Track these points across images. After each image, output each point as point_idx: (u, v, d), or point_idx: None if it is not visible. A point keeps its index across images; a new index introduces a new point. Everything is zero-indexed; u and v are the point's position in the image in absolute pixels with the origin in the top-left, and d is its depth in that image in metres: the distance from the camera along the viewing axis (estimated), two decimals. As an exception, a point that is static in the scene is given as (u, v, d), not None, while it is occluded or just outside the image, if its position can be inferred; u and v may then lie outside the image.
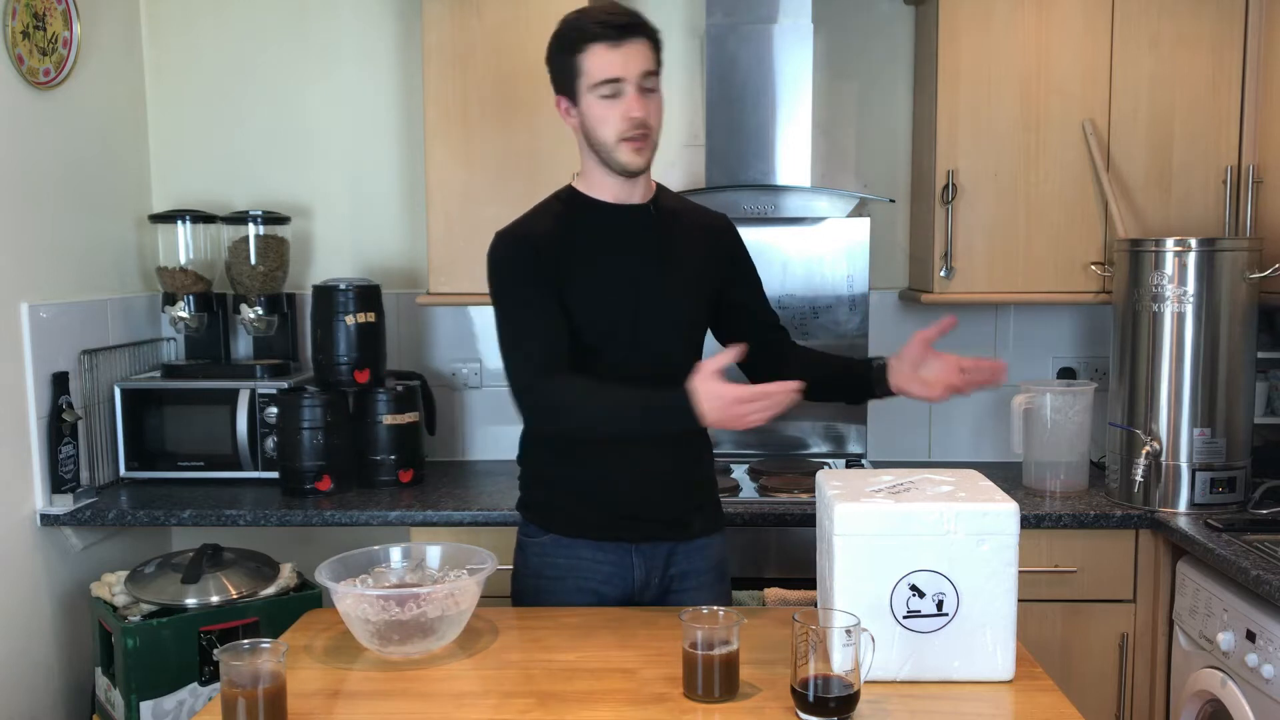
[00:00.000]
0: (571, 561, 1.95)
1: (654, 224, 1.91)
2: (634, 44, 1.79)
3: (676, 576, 1.96)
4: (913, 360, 1.88)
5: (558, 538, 1.96)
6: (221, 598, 2.35)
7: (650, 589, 1.96)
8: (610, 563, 1.94)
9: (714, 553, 2.01)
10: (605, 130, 1.81)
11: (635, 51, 1.79)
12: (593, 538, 1.93)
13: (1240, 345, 2.45)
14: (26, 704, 2.46)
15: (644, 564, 1.94)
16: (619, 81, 1.78)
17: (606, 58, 1.78)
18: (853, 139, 3.04)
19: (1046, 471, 2.68)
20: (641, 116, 1.80)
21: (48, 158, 2.59)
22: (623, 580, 1.94)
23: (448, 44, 2.70)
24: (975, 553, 1.55)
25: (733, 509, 2.48)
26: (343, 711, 1.53)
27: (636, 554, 1.94)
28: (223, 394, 2.78)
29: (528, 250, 1.86)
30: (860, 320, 3.01)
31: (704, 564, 1.99)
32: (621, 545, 1.93)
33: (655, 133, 1.84)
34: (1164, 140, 2.69)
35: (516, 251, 1.87)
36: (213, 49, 3.05)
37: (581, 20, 1.81)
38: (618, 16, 1.80)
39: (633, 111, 1.79)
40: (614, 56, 1.78)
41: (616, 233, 1.89)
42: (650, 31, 1.83)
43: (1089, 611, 2.50)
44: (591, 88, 1.80)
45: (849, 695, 1.44)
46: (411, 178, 3.05)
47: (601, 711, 1.50)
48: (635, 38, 1.79)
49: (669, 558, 1.95)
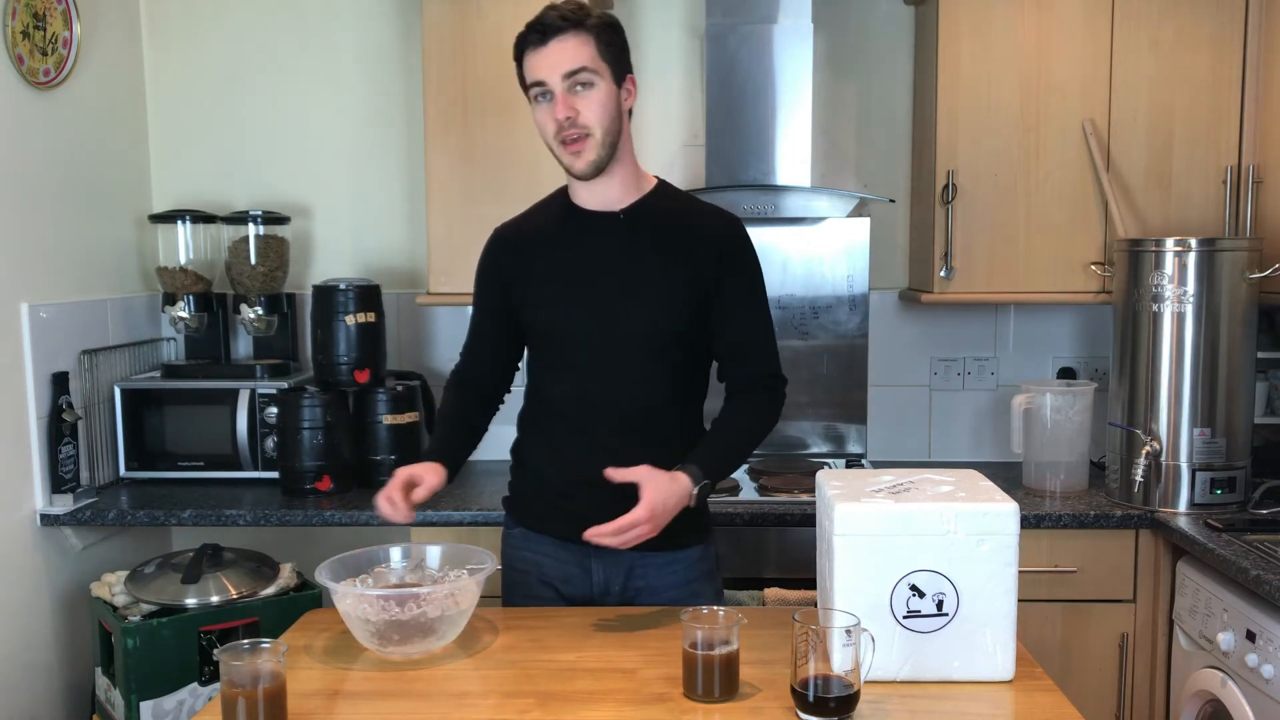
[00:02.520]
0: (536, 556, 1.95)
1: (624, 234, 1.85)
2: (560, 43, 1.74)
3: (643, 590, 1.91)
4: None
5: (526, 532, 1.96)
6: (221, 598, 2.35)
7: (611, 596, 1.92)
8: (570, 563, 1.92)
9: (685, 569, 1.92)
10: (545, 134, 1.80)
11: (561, 50, 1.74)
12: (554, 535, 1.92)
13: (1240, 345, 2.45)
14: (26, 704, 2.46)
15: (603, 570, 1.91)
16: (543, 84, 1.77)
17: (533, 61, 1.77)
18: (853, 139, 3.04)
19: (1046, 471, 2.68)
20: (566, 116, 1.75)
21: (48, 158, 2.59)
22: (582, 582, 1.92)
23: (448, 44, 2.70)
24: (975, 553, 1.55)
25: (733, 509, 2.49)
26: (343, 711, 1.53)
27: (595, 559, 1.90)
28: (223, 394, 2.78)
29: (497, 253, 1.95)
30: (860, 320, 3.01)
31: (674, 579, 1.90)
32: (581, 548, 1.84)
33: (597, 129, 1.76)
34: (1164, 140, 2.69)
35: (488, 253, 1.97)
36: (213, 49, 3.05)
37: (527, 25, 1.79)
38: (548, 15, 1.75)
39: (556, 113, 1.76)
40: (538, 59, 1.76)
41: (579, 240, 1.87)
42: (589, 24, 1.75)
43: (1089, 611, 2.50)
44: (528, 92, 1.81)
45: (849, 695, 1.44)
46: (411, 178, 3.05)
47: (601, 711, 1.50)
48: (561, 36, 1.74)
49: (632, 568, 1.90)
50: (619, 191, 1.86)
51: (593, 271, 1.86)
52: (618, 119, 1.80)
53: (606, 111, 1.77)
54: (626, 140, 1.84)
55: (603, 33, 1.77)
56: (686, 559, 1.92)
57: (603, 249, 1.86)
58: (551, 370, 1.93)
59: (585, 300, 1.85)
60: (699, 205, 1.93)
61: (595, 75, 1.76)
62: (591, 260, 1.86)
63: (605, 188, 1.84)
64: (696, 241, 1.86)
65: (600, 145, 1.78)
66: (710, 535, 1.98)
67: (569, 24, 1.74)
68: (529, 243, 1.92)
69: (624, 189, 1.86)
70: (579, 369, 1.88)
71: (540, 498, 1.95)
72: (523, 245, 1.92)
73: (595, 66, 1.76)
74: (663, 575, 1.91)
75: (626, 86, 1.82)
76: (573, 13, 1.76)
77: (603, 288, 1.85)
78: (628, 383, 1.86)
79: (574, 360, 1.88)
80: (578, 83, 1.75)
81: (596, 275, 1.85)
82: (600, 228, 1.86)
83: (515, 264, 1.91)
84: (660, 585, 1.91)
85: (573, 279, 1.87)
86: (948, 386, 3.08)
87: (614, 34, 1.79)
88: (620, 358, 1.85)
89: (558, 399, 1.91)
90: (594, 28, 1.76)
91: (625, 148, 1.84)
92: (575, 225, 1.88)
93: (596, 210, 1.87)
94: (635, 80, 1.85)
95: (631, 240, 1.85)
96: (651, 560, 1.89)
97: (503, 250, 1.94)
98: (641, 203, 1.87)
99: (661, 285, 1.84)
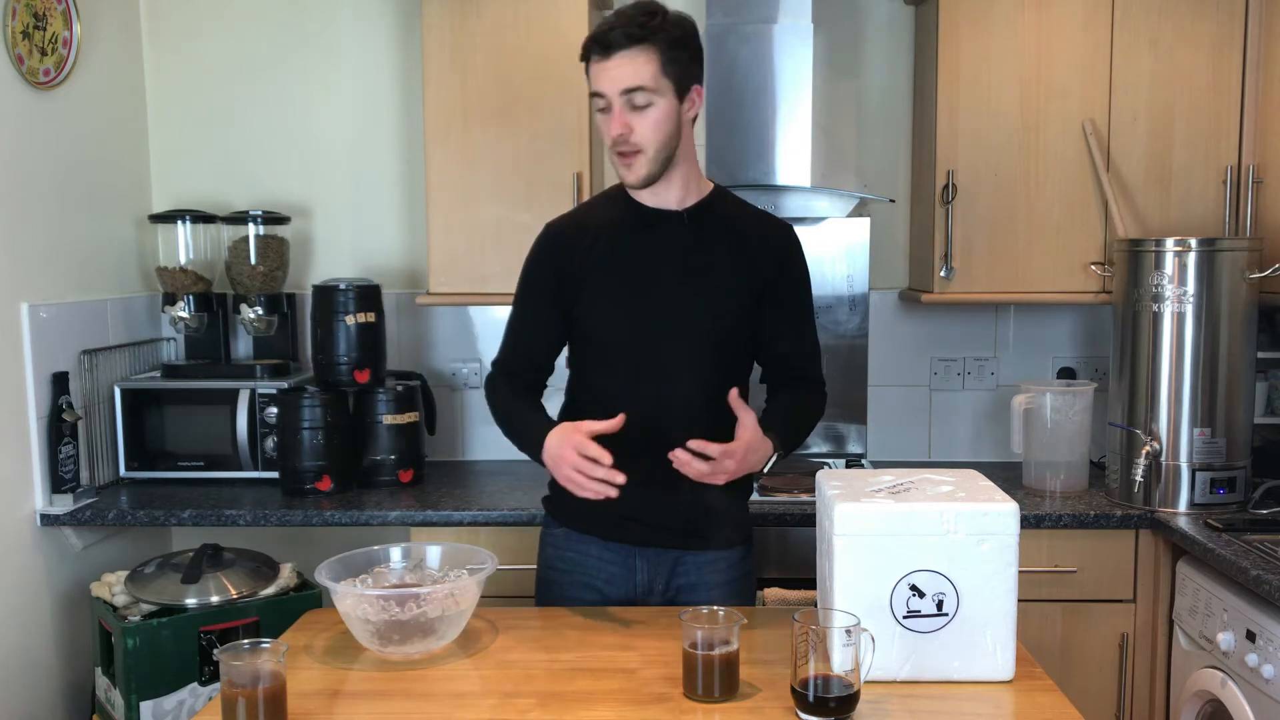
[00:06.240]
0: (579, 557, 1.95)
1: (684, 232, 1.86)
2: (622, 58, 1.73)
3: (684, 587, 1.93)
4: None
5: (569, 532, 1.96)
6: (221, 598, 2.35)
7: (654, 595, 1.94)
8: (615, 563, 1.93)
9: (728, 568, 1.94)
10: (606, 141, 1.81)
11: (622, 66, 1.73)
12: (599, 536, 1.93)
13: (1240, 345, 2.45)
14: (26, 704, 2.46)
15: (648, 569, 1.93)
16: (603, 97, 1.76)
17: (595, 72, 1.77)
18: (853, 139, 3.04)
19: (1046, 471, 2.68)
20: (619, 134, 1.76)
21: (48, 158, 2.59)
22: (625, 582, 1.94)
23: (448, 44, 2.70)
24: (975, 553, 1.55)
25: (733, 509, 2.49)
26: (343, 711, 1.53)
27: (640, 558, 1.93)
28: (223, 394, 2.78)
29: (552, 247, 1.91)
30: (860, 320, 3.01)
31: (716, 578, 1.93)
32: (626, 547, 1.92)
33: (650, 147, 1.77)
34: (1164, 140, 2.69)
35: (541, 246, 1.93)
36: (213, 49, 3.05)
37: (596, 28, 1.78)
38: (615, 26, 1.73)
39: (611, 129, 1.77)
40: (599, 72, 1.76)
41: (642, 237, 1.87)
42: (657, 39, 1.73)
43: (1089, 611, 2.50)
44: (591, 97, 1.81)
45: (849, 695, 1.44)
46: (411, 178, 3.05)
47: (601, 711, 1.50)
48: (624, 50, 1.72)
49: (675, 566, 1.93)
50: (679, 192, 1.86)
51: (656, 268, 1.86)
52: (675, 134, 1.79)
53: (662, 130, 1.77)
54: (687, 145, 1.84)
55: (669, 47, 1.74)
56: (729, 559, 1.94)
57: (667, 246, 1.87)
58: (602, 366, 1.91)
59: (646, 296, 1.86)
60: (758, 211, 1.95)
61: (654, 95, 1.75)
62: (656, 257, 1.87)
63: (665, 188, 1.85)
64: (758, 247, 1.89)
65: (652, 161, 1.79)
66: (751, 538, 2.01)
67: (633, 40, 1.72)
68: (589, 237, 1.89)
69: (684, 190, 1.87)
70: (633, 365, 1.87)
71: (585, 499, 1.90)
72: (582, 240, 1.89)
73: (656, 85, 1.74)
74: (705, 574, 1.92)
75: (690, 98, 1.81)
76: (639, 27, 1.73)
77: (665, 284, 1.86)
78: (681, 380, 1.86)
79: (628, 356, 1.88)
80: (635, 102, 1.74)
81: (660, 272, 1.86)
82: (665, 225, 1.87)
83: (573, 258, 1.88)
84: (702, 584, 1.92)
85: (635, 275, 1.86)
86: (948, 386, 3.08)
87: (681, 48, 1.77)
88: (676, 354, 1.86)
89: (610, 395, 1.87)
90: (661, 43, 1.73)
91: (685, 152, 1.84)
92: (639, 222, 1.88)
93: (660, 209, 1.87)
94: (702, 89, 1.84)
95: (695, 239, 1.86)
96: (694, 559, 1.92)
97: (559, 244, 1.91)
98: (703, 204, 1.89)
99: (721, 285, 1.86)
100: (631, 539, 1.91)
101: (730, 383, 1.86)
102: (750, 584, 2.00)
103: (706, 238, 1.87)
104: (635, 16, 1.74)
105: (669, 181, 1.84)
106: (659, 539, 1.91)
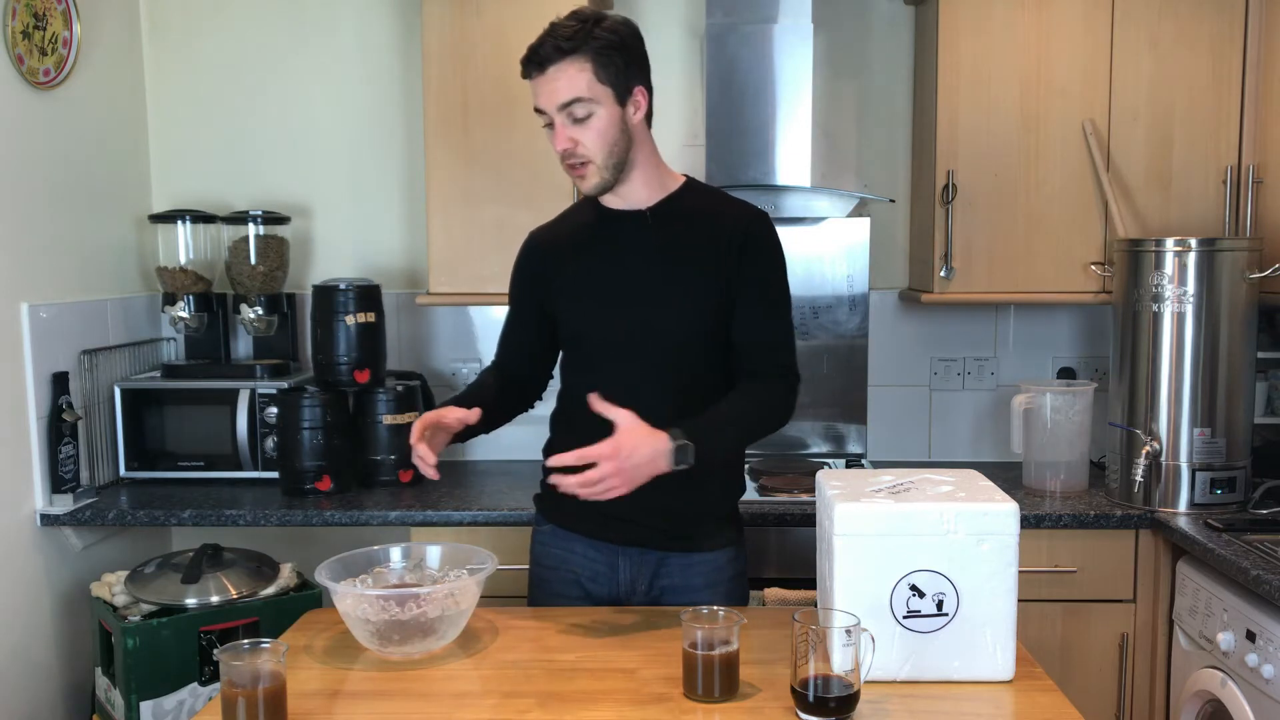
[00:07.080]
0: (564, 554, 1.96)
1: (651, 232, 1.86)
2: (554, 71, 1.72)
3: (668, 589, 1.91)
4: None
5: (555, 528, 1.97)
6: (221, 598, 2.35)
7: (637, 595, 1.93)
8: (599, 561, 1.93)
9: (713, 571, 1.92)
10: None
11: (556, 79, 1.72)
12: (584, 534, 1.94)
13: (1240, 345, 2.45)
14: (26, 704, 2.46)
15: (630, 568, 1.92)
16: (544, 113, 1.77)
17: (533, 88, 1.77)
18: (853, 139, 3.04)
19: (1046, 471, 2.68)
20: (564, 149, 1.76)
21: (48, 158, 2.59)
22: (609, 581, 1.93)
23: (448, 44, 2.70)
24: (975, 553, 1.55)
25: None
26: (343, 711, 1.53)
27: (623, 557, 1.92)
28: (223, 394, 2.78)
29: (529, 254, 1.97)
30: (860, 320, 3.01)
31: (700, 581, 1.91)
32: (609, 546, 1.92)
33: (598, 156, 1.76)
34: (1164, 140, 2.69)
35: (523, 256, 1.99)
36: (213, 48, 3.05)
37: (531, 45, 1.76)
38: (546, 40, 1.72)
39: (556, 145, 1.77)
40: (536, 88, 1.76)
41: (610, 240, 1.88)
42: (587, 49, 1.71)
43: (1089, 611, 2.50)
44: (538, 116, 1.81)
45: (849, 695, 1.44)
46: (411, 178, 3.05)
47: (601, 711, 1.50)
48: (556, 63, 1.71)
49: (659, 567, 1.91)
50: (643, 191, 1.86)
51: (622, 270, 1.87)
52: (622, 139, 1.78)
53: (607, 138, 1.76)
54: (642, 146, 1.83)
55: (600, 54, 1.72)
56: (715, 561, 1.92)
57: (632, 248, 1.87)
58: (582, 369, 1.94)
59: (615, 299, 1.86)
60: (726, 199, 1.91)
61: (593, 104, 1.73)
62: (621, 259, 1.87)
63: (628, 190, 1.85)
64: (719, 234, 1.84)
65: (603, 169, 1.78)
66: (742, 542, 1.98)
67: (563, 52, 1.71)
68: (561, 245, 1.93)
69: (648, 189, 1.86)
70: (609, 367, 1.88)
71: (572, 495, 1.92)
72: (555, 248, 1.94)
73: (592, 94, 1.73)
74: (689, 576, 1.91)
75: (634, 100, 1.78)
76: (568, 39, 1.71)
77: (632, 286, 1.86)
78: (657, 380, 1.85)
79: (604, 358, 1.89)
80: (575, 114, 1.73)
81: (626, 274, 1.86)
82: (629, 227, 1.87)
83: (548, 267, 1.93)
84: (686, 586, 1.91)
85: (604, 279, 1.88)
86: (948, 386, 3.08)
87: (615, 52, 1.74)
88: (649, 355, 1.86)
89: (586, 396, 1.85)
90: (591, 51, 1.72)
91: (641, 152, 1.82)
92: (605, 226, 1.89)
93: (624, 210, 1.88)
94: (647, 89, 1.81)
95: (659, 237, 1.86)
96: (678, 561, 1.91)
97: (536, 253, 1.96)
98: (668, 200, 1.88)
99: (689, 283, 1.84)
100: (614, 538, 1.91)
101: (708, 378, 1.86)
102: (741, 586, 1.98)
103: (672, 234, 1.85)
104: (563, 28, 1.73)
105: (629, 183, 1.84)
106: (641, 539, 1.90)
